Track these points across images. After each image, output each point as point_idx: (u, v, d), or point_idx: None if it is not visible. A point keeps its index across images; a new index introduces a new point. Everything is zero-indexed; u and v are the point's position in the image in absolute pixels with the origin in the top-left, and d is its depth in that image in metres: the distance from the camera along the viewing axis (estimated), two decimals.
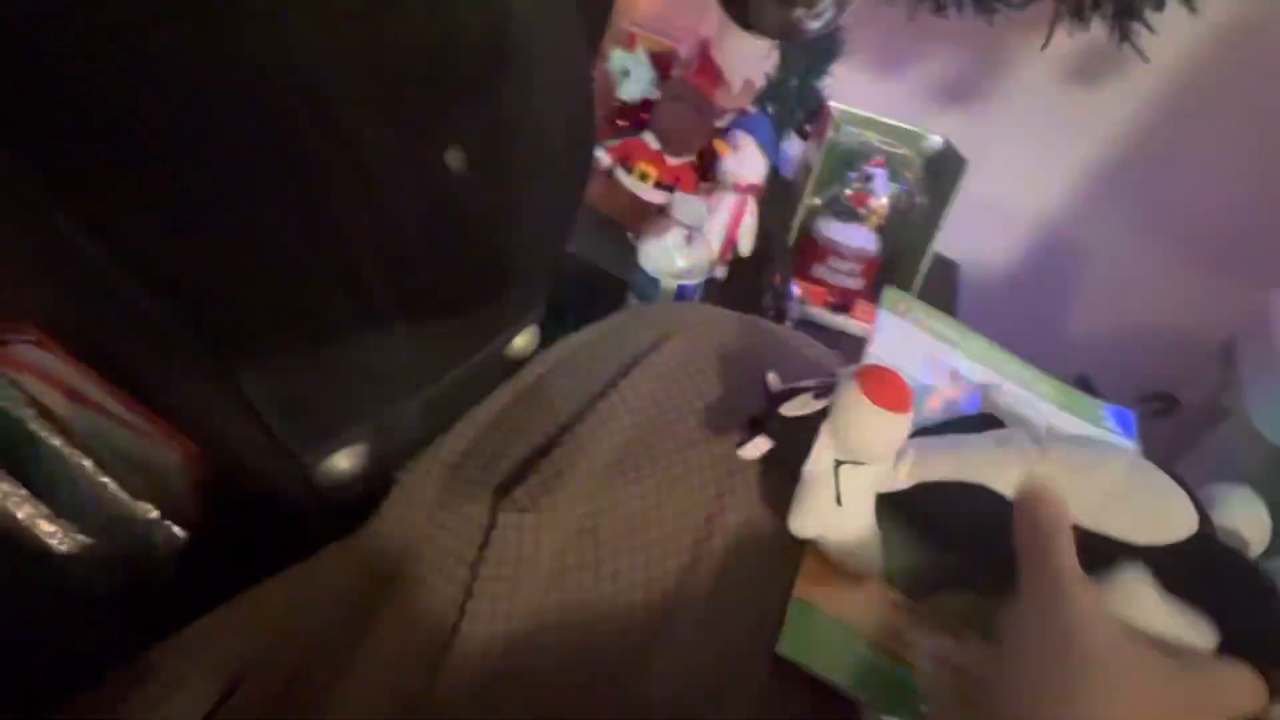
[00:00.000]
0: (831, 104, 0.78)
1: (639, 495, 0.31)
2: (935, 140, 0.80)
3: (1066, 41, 0.93)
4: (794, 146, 0.94)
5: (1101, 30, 0.90)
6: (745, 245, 0.78)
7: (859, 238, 0.79)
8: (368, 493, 0.29)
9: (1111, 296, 1.04)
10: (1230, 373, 0.76)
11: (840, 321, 0.80)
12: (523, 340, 0.33)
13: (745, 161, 0.77)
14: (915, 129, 0.80)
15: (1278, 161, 0.87)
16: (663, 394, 0.35)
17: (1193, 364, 0.94)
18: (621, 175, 0.81)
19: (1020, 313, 1.12)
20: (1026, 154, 1.02)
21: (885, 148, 0.79)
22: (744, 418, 0.33)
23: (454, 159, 0.21)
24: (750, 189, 0.78)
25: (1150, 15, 0.73)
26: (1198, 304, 0.96)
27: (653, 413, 0.34)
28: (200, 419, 0.28)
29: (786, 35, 0.67)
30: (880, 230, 0.81)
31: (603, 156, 0.81)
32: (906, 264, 0.80)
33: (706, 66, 0.80)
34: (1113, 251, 1.01)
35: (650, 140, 0.78)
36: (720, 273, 0.80)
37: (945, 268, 1.09)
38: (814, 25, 0.46)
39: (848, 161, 0.79)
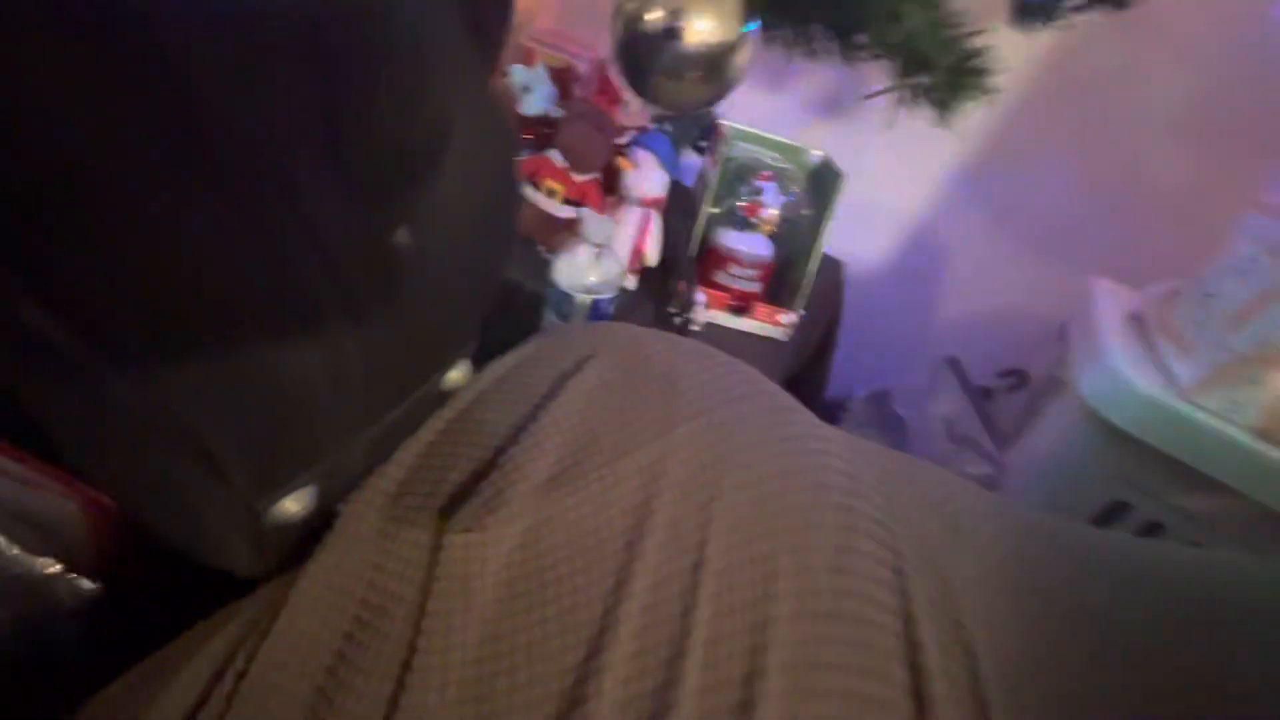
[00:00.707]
0: (723, 122, 0.83)
1: (574, 507, 0.34)
2: (816, 155, 0.88)
3: None
4: (694, 162, 1.00)
5: None
6: (652, 256, 0.82)
7: (755, 245, 0.86)
8: (305, 531, 0.30)
9: (971, 285, 1.18)
10: (1065, 351, 0.89)
11: (741, 323, 0.86)
12: (456, 374, 0.36)
13: (646, 177, 0.81)
14: (799, 145, 0.87)
15: (1094, 167, 1.02)
16: (589, 412, 0.38)
17: (1040, 344, 1.09)
18: (530, 191, 0.83)
19: (898, 302, 1.24)
20: (895, 163, 1.13)
21: (773, 163, 0.86)
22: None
23: (402, 236, 0.24)
24: (653, 203, 0.82)
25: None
26: (1040, 290, 1.11)
27: (581, 430, 0.37)
28: (134, 465, 0.28)
29: (681, 111, 0.72)
30: (773, 237, 0.88)
31: None
32: (798, 266, 0.88)
33: (606, 86, 0.83)
34: (969, 245, 1.15)
35: (556, 158, 0.81)
36: (631, 283, 0.85)
37: (833, 266, 1.19)
38: (705, 102, 0.52)
39: (740, 175, 0.86)
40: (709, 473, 0.37)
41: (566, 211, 0.82)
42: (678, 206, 0.84)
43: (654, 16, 0.60)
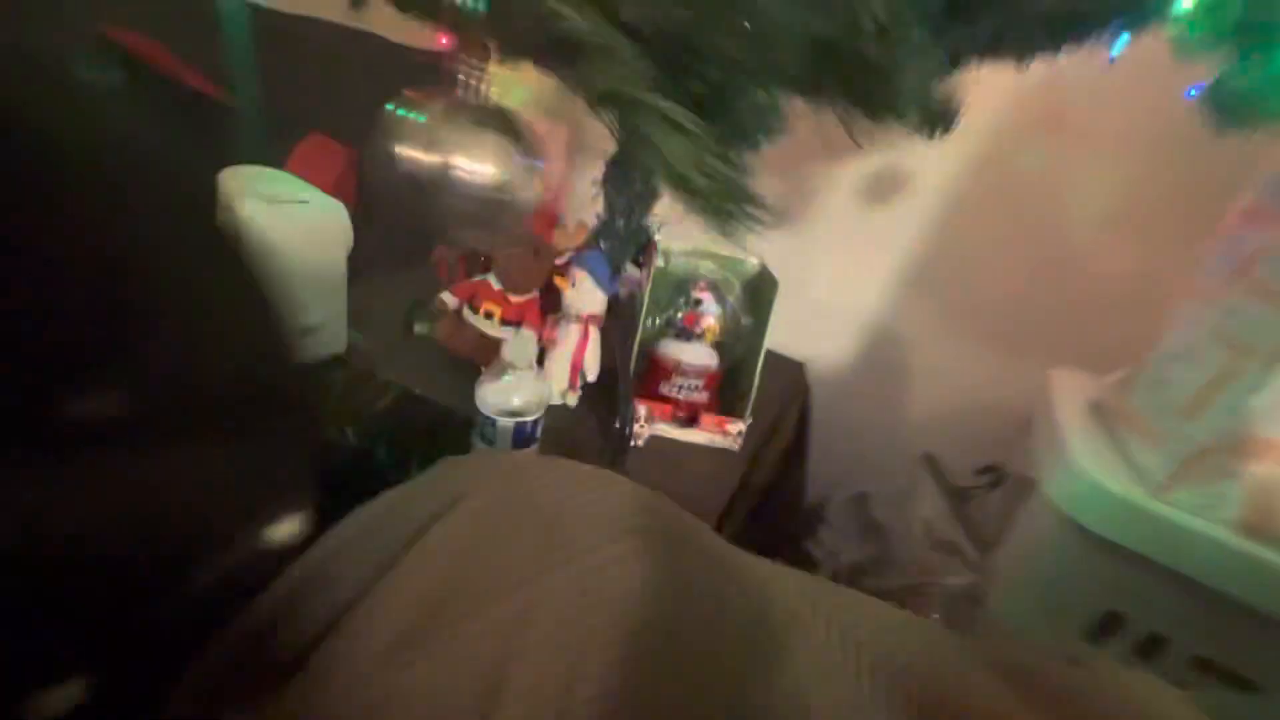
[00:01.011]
0: (658, 239, 0.85)
1: (416, 678, 0.30)
2: (752, 263, 0.89)
3: (862, 168, 1.10)
4: (635, 276, 1.02)
5: (886, 158, 1.07)
6: (591, 371, 0.81)
7: (698, 354, 0.85)
8: None
9: (939, 380, 1.15)
10: (1033, 446, 0.85)
11: (690, 434, 0.84)
12: (287, 527, 0.33)
13: (583, 295, 0.82)
14: (734, 254, 0.89)
15: (1037, 261, 1.03)
16: (450, 561, 0.35)
17: (1014, 437, 1.05)
18: (469, 315, 0.83)
19: (866, 401, 1.21)
20: (848, 266, 1.15)
21: (709, 273, 0.87)
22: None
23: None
24: (591, 319, 0.82)
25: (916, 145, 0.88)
26: (1005, 382, 1.09)
27: (436, 584, 0.34)
28: None
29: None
30: (718, 346, 0.87)
31: (449, 298, 0.84)
32: (745, 372, 0.86)
33: (542, 212, 0.86)
34: (931, 341, 1.14)
35: (493, 281, 0.82)
36: (571, 400, 0.83)
37: (793, 368, 1.18)
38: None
39: (679, 287, 0.86)
40: (581, 626, 0.33)
41: (504, 333, 0.82)
42: (618, 322, 0.84)
43: (429, 160, 0.62)
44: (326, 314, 0.76)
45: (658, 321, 0.87)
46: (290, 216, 0.69)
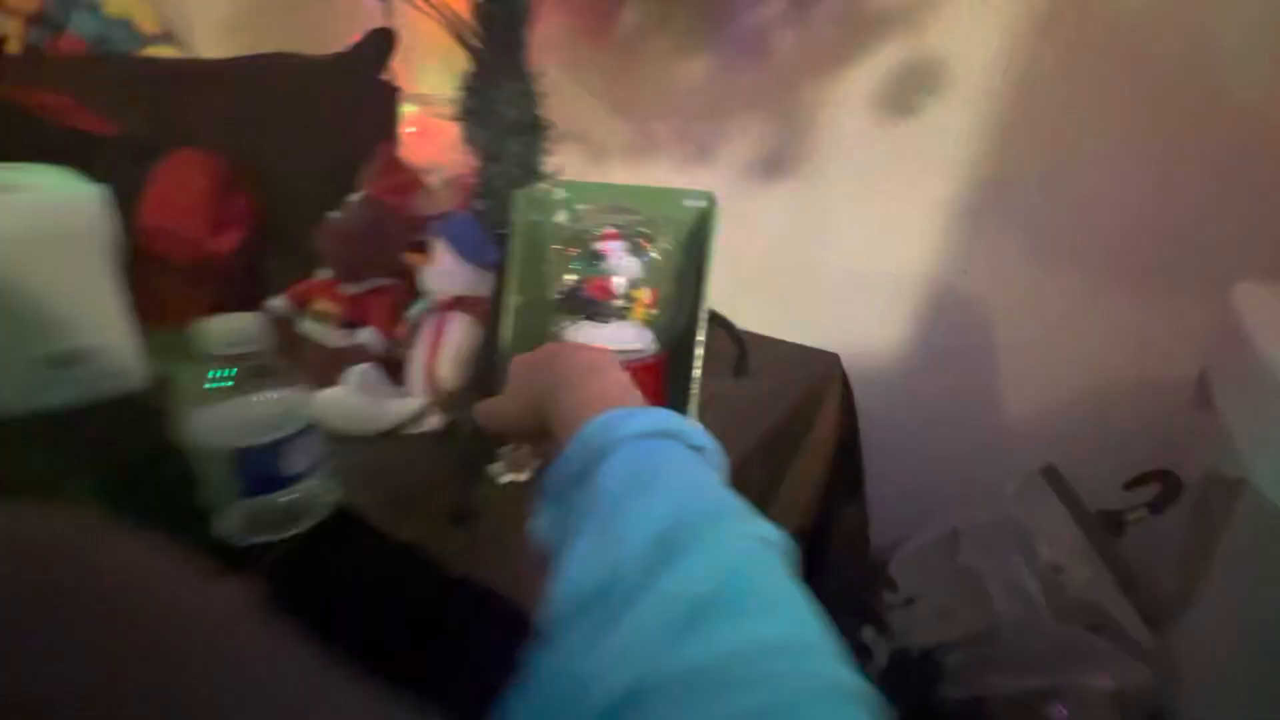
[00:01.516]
0: (542, 185, 0.60)
1: None
2: (694, 201, 0.61)
3: (871, 73, 0.79)
4: None
5: (900, 50, 0.76)
6: (446, 376, 0.55)
7: (620, 338, 0.57)
8: None
9: (1040, 355, 0.78)
10: (1217, 423, 0.48)
11: None
12: None
13: (442, 273, 0.57)
14: (666, 189, 0.61)
15: (1177, 140, 0.65)
16: None
17: (1176, 428, 0.65)
18: (301, 322, 0.61)
19: (936, 398, 0.85)
20: (873, 212, 0.82)
21: (624, 224, 0.59)
22: None
23: None
24: (453, 305, 0.57)
25: None
26: (1149, 343, 0.70)
27: None
28: None
29: None
30: (652, 323, 0.58)
31: (279, 304, 0.63)
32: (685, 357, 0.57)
33: (394, 170, 0.64)
34: (1017, 298, 0.77)
35: (323, 273, 0.60)
36: (433, 422, 0.57)
37: (822, 362, 0.85)
38: None
39: (580, 246, 0.59)
40: None
41: (343, 338, 0.59)
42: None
43: None
44: (98, 337, 0.57)
45: (554, 298, 0.60)
46: None
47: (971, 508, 0.79)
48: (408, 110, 0.92)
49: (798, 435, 0.80)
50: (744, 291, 0.94)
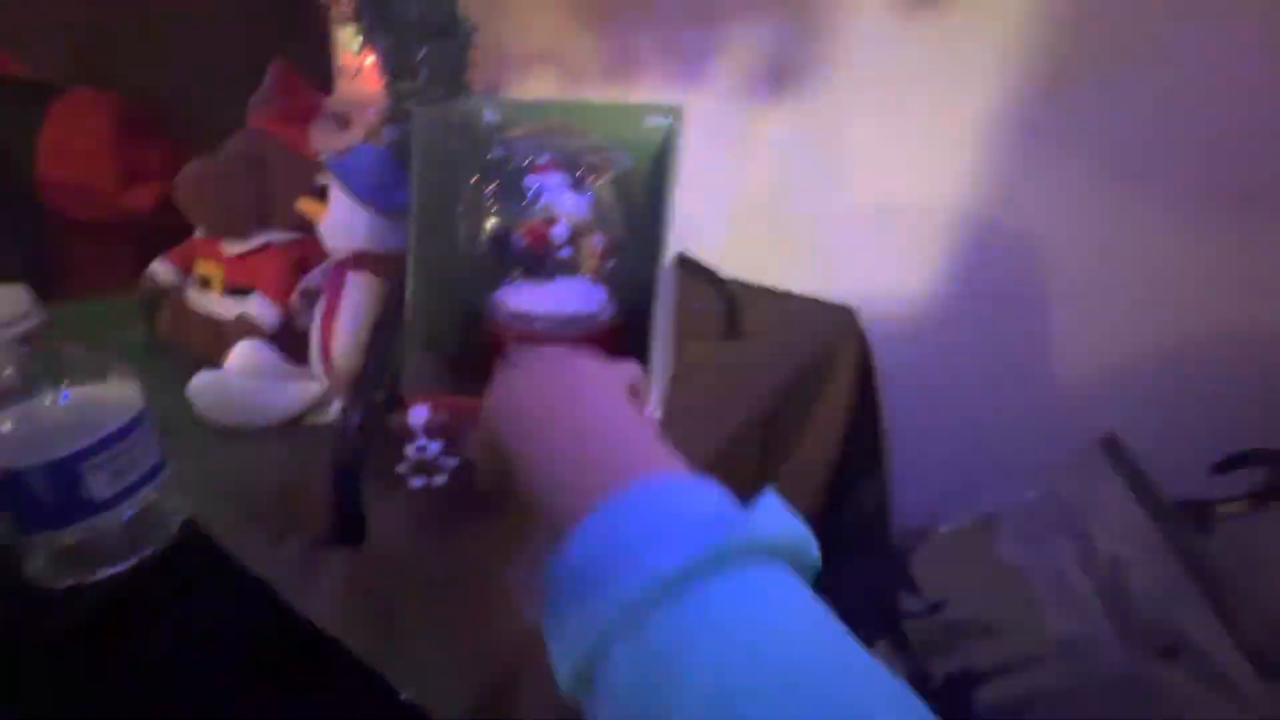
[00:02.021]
0: (474, 98, 0.47)
1: None
2: (657, 118, 0.47)
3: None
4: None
5: None
6: (341, 353, 0.44)
7: (562, 298, 0.45)
8: None
9: (1100, 301, 0.63)
10: None
11: None
12: None
13: (338, 224, 0.46)
14: (623, 104, 0.47)
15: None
16: None
17: (1270, 388, 0.51)
18: (189, 292, 0.50)
19: (969, 358, 0.71)
20: (897, 135, 0.67)
21: (567, 150, 0.46)
22: None
23: None
24: (356, 263, 0.46)
25: None
26: (1246, 280, 0.55)
27: None
28: None
29: None
30: (605, 278, 0.46)
31: (162, 270, 0.52)
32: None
33: (291, 90, 0.51)
34: (1074, 233, 0.62)
35: (200, 230, 0.49)
36: (333, 409, 0.46)
37: (834, 318, 0.72)
38: None
39: (513, 183, 0.46)
40: None
41: (229, 306, 0.48)
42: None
43: None
44: None
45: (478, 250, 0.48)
46: None
47: (1013, 488, 0.66)
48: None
49: (805, 404, 0.67)
50: (742, 234, 0.80)
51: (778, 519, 0.21)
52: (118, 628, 0.33)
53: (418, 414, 0.39)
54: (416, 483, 0.40)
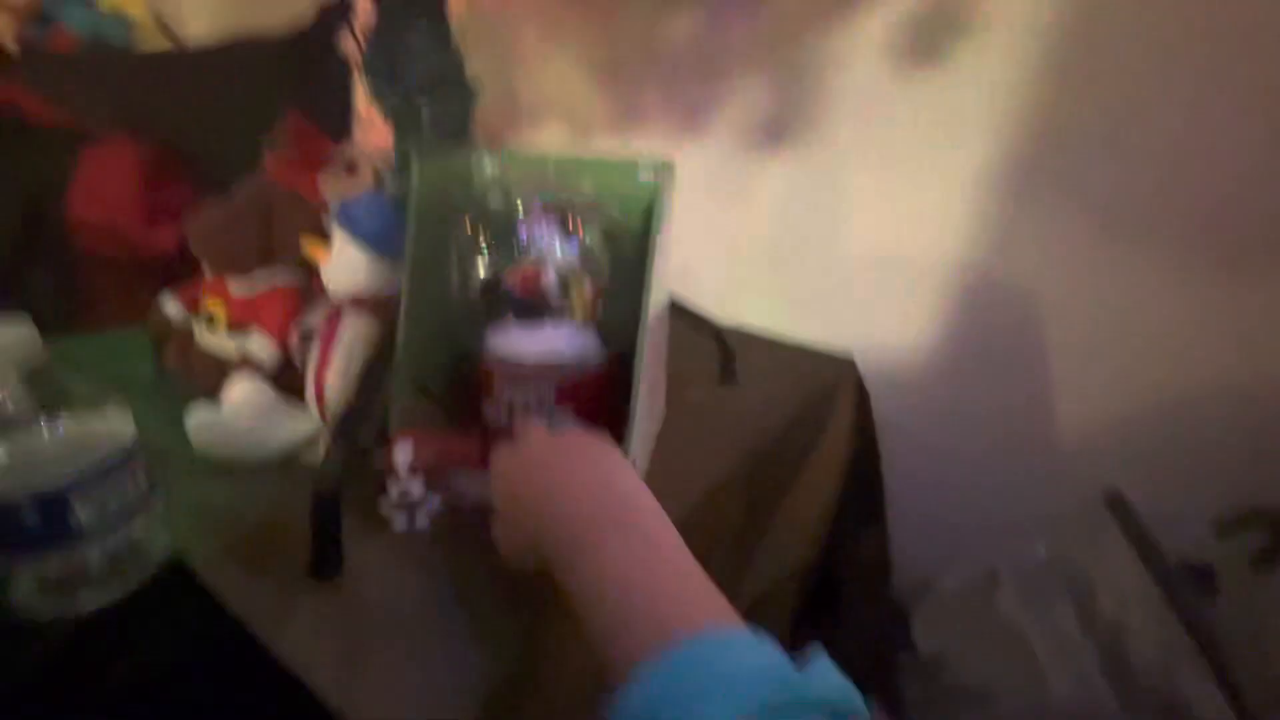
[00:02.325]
0: (475, 152, 0.48)
1: None
2: (647, 173, 0.49)
3: (886, 17, 0.65)
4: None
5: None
6: (333, 392, 0.45)
7: (552, 342, 0.46)
8: None
9: (1106, 354, 0.63)
10: None
11: None
12: None
13: (340, 266, 0.47)
14: (612, 159, 0.49)
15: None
16: None
17: (1271, 449, 0.50)
18: (196, 329, 0.52)
19: (969, 410, 0.71)
20: (895, 185, 0.68)
21: (559, 199, 0.47)
22: None
23: None
24: (350, 304, 0.47)
25: None
26: (1245, 339, 0.54)
27: None
28: None
29: None
30: (596, 323, 0.47)
31: (171, 306, 0.54)
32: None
33: (305, 141, 0.54)
34: (1074, 286, 0.62)
35: (208, 270, 0.51)
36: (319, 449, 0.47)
37: (833, 367, 0.72)
38: None
39: (505, 229, 0.48)
40: None
41: (230, 344, 0.49)
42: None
43: None
44: None
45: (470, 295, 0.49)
46: None
47: (1016, 542, 0.64)
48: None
49: (801, 452, 0.67)
50: (741, 281, 0.82)
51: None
52: (93, 661, 0.33)
53: (402, 451, 0.40)
54: (400, 520, 0.41)
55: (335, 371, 0.45)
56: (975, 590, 0.64)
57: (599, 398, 0.49)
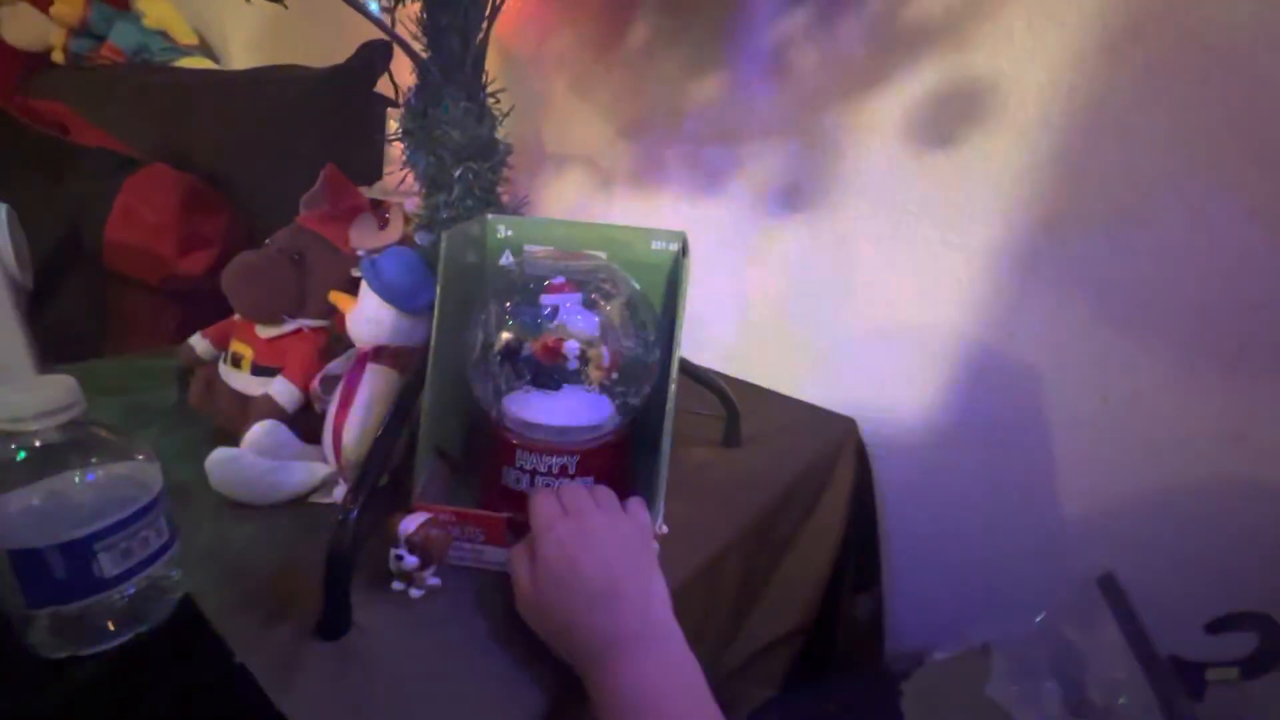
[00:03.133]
0: (490, 216, 0.51)
1: None
2: (660, 244, 0.50)
3: (906, 96, 0.67)
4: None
5: (945, 70, 0.64)
6: (351, 440, 0.47)
7: (570, 411, 0.47)
8: None
9: (1096, 437, 0.64)
10: None
11: None
12: None
13: (363, 318, 0.49)
14: (630, 228, 0.51)
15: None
16: None
17: (1265, 546, 0.50)
18: (222, 366, 0.54)
19: (967, 480, 0.72)
20: (905, 258, 0.70)
21: (578, 273, 0.49)
22: None
23: None
24: (372, 354, 0.49)
25: None
26: (1240, 434, 0.55)
27: None
28: None
29: None
30: (614, 394, 0.49)
31: (199, 344, 0.56)
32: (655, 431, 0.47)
33: (338, 193, 0.56)
34: (1073, 366, 0.64)
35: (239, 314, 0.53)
36: (339, 495, 0.49)
37: (835, 428, 0.73)
38: None
39: (525, 298, 0.50)
40: None
41: (255, 385, 0.51)
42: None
43: None
44: None
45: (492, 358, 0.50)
46: None
47: (1009, 617, 0.65)
48: None
49: (801, 513, 0.68)
50: (753, 339, 0.83)
51: None
52: (104, 702, 0.34)
53: (405, 525, 0.41)
54: (398, 585, 0.42)
55: (353, 420, 0.46)
56: (967, 665, 0.65)
57: (619, 464, 0.50)
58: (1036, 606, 0.63)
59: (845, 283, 0.75)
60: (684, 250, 0.49)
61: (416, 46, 0.51)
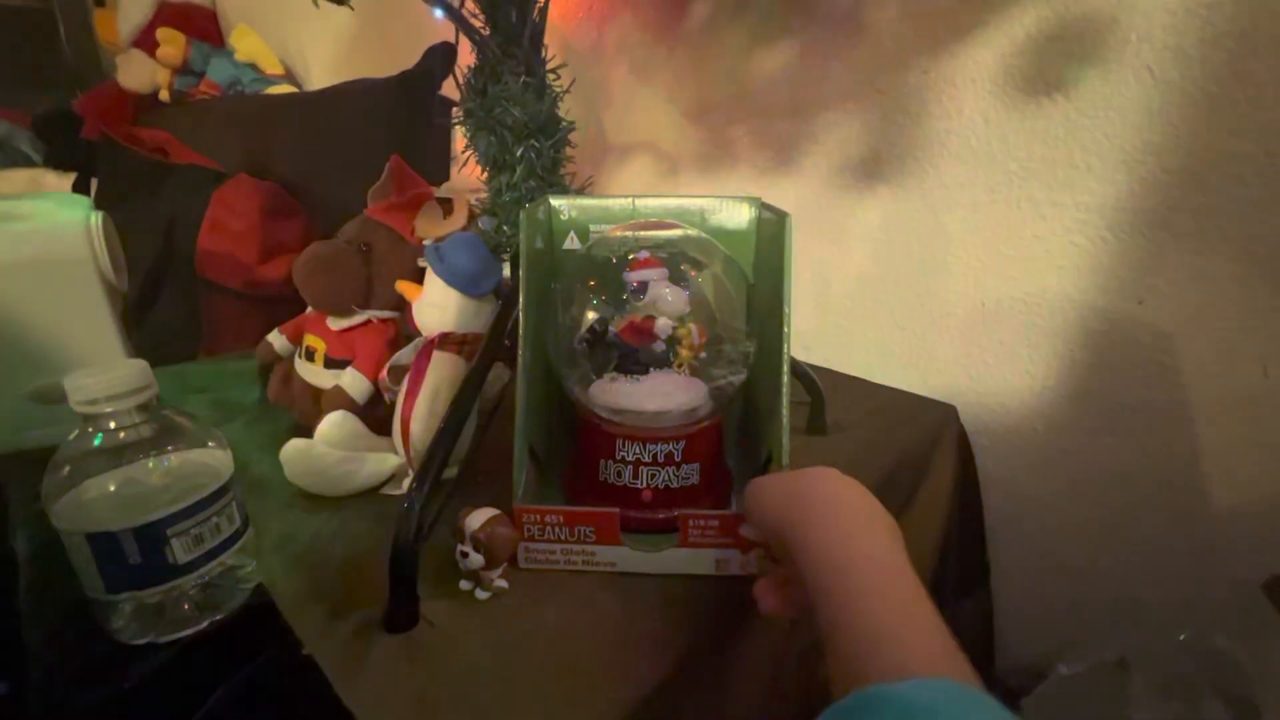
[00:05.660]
0: (554, 201, 0.48)
1: None
2: (747, 211, 0.46)
3: (1022, 25, 0.61)
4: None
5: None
6: (418, 429, 0.45)
7: (664, 396, 0.44)
8: None
9: (1253, 418, 0.54)
10: None
11: (657, 560, 0.41)
12: None
13: (429, 305, 0.48)
14: (699, 197, 0.47)
15: None
16: None
17: None
18: (298, 361, 0.55)
19: (1093, 474, 0.63)
20: (1000, 227, 0.63)
21: (658, 244, 0.46)
22: None
23: None
24: (438, 341, 0.48)
25: None
26: None
27: None
28: None
29: None
30: (704, 371, 0.45)
31: (277, 340, 0.57)
32: (761, 415, 0.43)
33: (406, 184, 0.56)
34: (1221, 336, 0.55)
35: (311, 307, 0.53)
36: (407, 482, 0.47)
37: (934, 415, 0.67)
38: None
39: (603, 277, 0.47)
40: None
41: (326, 377, 0.51)
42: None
43: None
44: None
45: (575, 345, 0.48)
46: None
47: (1148, 630, 0.56)
48: None
49: (896, 511, 0.61)
50: (834, 325, 0.78)
51: None
52: (179, 689, 0.34)
53: (470, 522, 0.38)
54: (465, 584, 0.40)
55: (421, 409, 0.45)
56: (1100, 681, 0.57)
57: (718, 449, 0.46)
58: (1178, 615, 0.55)
59: (936, 256, 0.69)
60: (773, 212, 0.45)
61: (476, 24, 0.50)
